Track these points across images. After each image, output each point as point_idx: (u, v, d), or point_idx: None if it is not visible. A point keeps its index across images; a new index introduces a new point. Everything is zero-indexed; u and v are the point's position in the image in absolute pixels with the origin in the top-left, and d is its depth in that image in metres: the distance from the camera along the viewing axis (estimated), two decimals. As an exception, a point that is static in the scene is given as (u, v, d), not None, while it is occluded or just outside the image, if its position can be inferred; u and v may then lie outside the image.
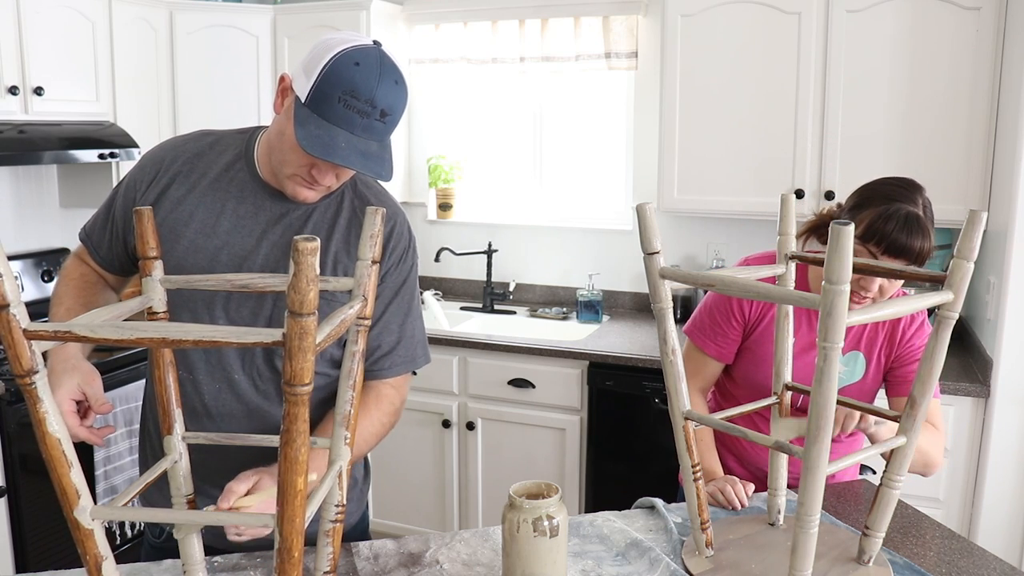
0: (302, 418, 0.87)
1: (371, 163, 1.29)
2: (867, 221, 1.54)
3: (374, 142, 1.30)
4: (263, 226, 1.43)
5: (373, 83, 1.27)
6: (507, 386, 3.18)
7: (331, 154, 1.27)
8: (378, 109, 1.28)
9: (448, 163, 3.85)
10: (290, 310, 0.82)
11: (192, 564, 1.24)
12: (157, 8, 3.37)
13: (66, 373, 1.31)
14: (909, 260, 1.53)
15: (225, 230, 1.43)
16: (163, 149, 1.51)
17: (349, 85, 1.27)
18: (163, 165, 1.47)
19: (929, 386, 1.28)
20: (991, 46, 2.71)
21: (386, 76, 1.29)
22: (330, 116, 1.28)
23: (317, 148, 1.27)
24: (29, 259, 3.22)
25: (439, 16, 3.71)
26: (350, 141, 1.28)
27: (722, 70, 3.06)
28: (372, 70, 1.28)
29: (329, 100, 1.27)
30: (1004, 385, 2.55)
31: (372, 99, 1.27)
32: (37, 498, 2.65)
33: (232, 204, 1.44)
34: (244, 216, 1.44)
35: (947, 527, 1.60)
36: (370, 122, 1.28)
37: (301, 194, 1.39)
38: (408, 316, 1.51)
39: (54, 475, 0.95)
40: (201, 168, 1.46)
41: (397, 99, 1.31)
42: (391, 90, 1.29)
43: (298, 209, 1.44)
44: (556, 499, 1.24)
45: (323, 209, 1.45)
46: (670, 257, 3.51)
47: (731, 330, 1.79)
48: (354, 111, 1.27)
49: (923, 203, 1.56)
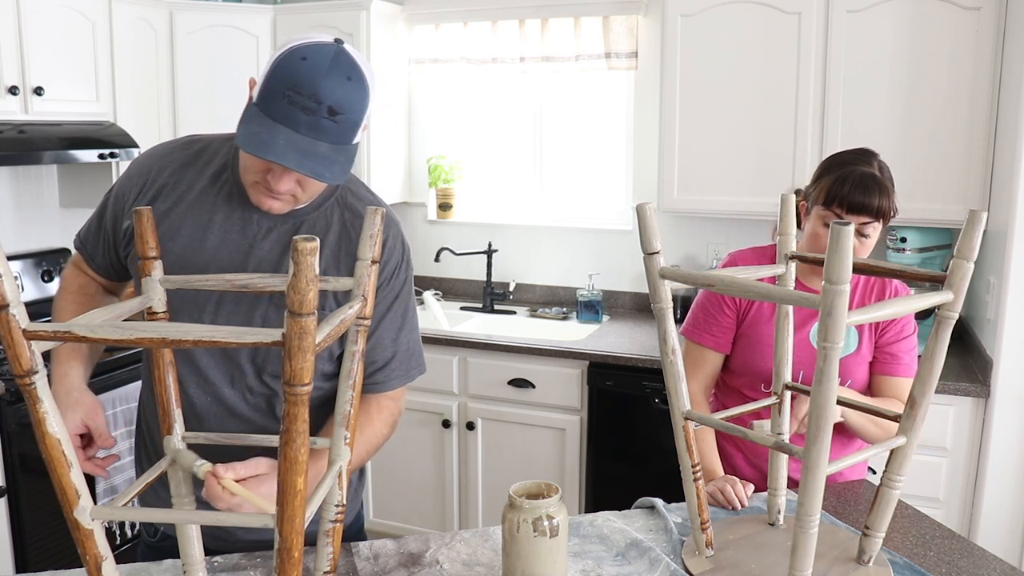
0: (302, 418, 0.87)
1: (311, 163, 1.20)
2: (826, 187, 1.69)
3: (324, 143, 1.21)
4: (250, 240, 1.39)
5: (318, 78, 1.19)
6: (507, 386, 3.18)
7: (264, 150, 1.19)
8: (324, 106, 1.19)
9: (448, 163, 3.85)
10: (290, 310, 0.82)
11: (192, 564, 1.24)
12: (157, 8, 3.37)
13: (69, 408, 1.31)
14: (871, 217, 1.66)
15: (213, 245, 1.39)
16: (151, 158, 1.46)
17: (293, 80, 1.19)
18: (150, 176, 1.43)
19: (929, 386, 1.28)
20: (991, 46, 2.71)
21: (336, 71, 1.20)
22: (274, 114, 1.20)
23: (251, 145, 1.20)
24: (29, 259, 3.22)
25: (439, 16, 3.71)
26: (291, 139, 1.19)
27: (722, 70, 3.06)
28: (320, 65, 1.20)
29: (274, 97, 1.20)
30: (1004, 385, 2.55)
31: (316, 94, 1.19)
32: (37, 498, 2.65)
33: (219, 218, 1.39)
34: (231, 230, 1.39)
35: (947, 527, 1.60)
36: (316, 119, 1.20)
37: (264, 203, 1.33)
38: (402, 330, 1.47)
39: (54, 475, 0.95)
40: (188, 179, 1.42)
41: (349, 96, 1.21)
42: (340, 86, 1.20)
43: (286, 223, 1.40)
44: (556, 499, 1.24)
45: (311, 223, 1.40)
46: (670, 257, 3.51)
47: (724, 318, 1.84)
48: (298, 108, 1.19)
49: (879, 165, 1.72)
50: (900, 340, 1.80)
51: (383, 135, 3.69)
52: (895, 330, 1.80)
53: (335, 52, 1.23)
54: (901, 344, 1.80)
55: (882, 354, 1.81)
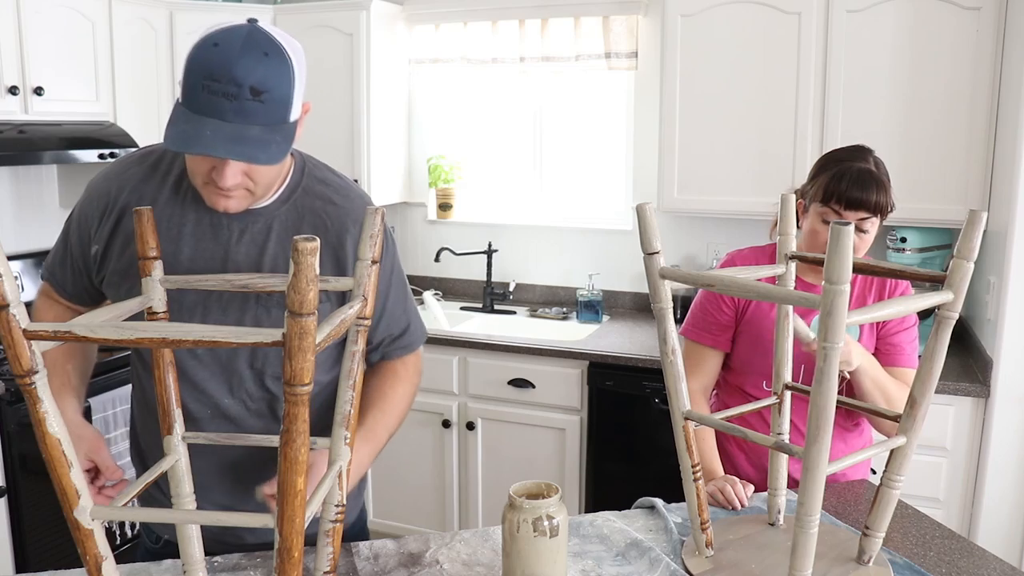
0: (302, 418, 0.87)
1: (242, 147, 1.15)
2: (823, 184, 1.70)
3: (255, 126, 1.16)
4: (224, 246, 1.35)
5: (232, 60, 1.14)
6: (507, 386, 3.18)
7: (191, 145, 1.15)
8: (245, 87, 1.14)
9: (448, 163, 3.85)
10: (290, 310, 0.82)
11: (192, 564, 1.24)
12: (157, 8, 3.37)
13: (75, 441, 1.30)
14: (869, 212, 1.67)
15: (187, 257, 1.34)
16: (107, 179, 1.41)
17: (208, 68, 1.15)
18: (110, 197, 1.38)
19: (929, 386, 1.28)
20: (991, 46, 2.71)
21: (249, 51, 1.16)
22: (198, 107, 1.16)
23: (177, 142, 1.16)
24: (29, 259, 3.22)
25: (439, 16, 3.71)
26: (219, 129, 1.15)
27: (722, 70, 3.06)
28: (232, 47, 1.15)
29: (194, 90, 1.16)
30: (1004, 385, 2.55)
31: (233, 77, 1.14)
32: (37, 498, 2.65)
33: (189, 228, 1.35)
34: (203, 239, 1.35)
35: (947, 527, 1.60)
36: (241, 104, 1.15)
37: (219, 204, 1.29)
38: (407, 300, 1.52)
39: (54, 475, 0.95)
40: (151, 194, 1.37)
41: (269, 73, 1.16)
42: (258, 64, 1.15)
43: (257, 222, 1.36)
44: (556, 499, 1.24)
45: (284, 217, 1.37)
46: (670, 257, 3.51)
47: (723, 316, 1.84)
48: (219, 95, 1.14)
49: (874, 161, 1.73)
50: (902, 331, 1.81)
51: (383, 135, 3.69)
52: (895, 320, 1.81)
53: (247, 32, 1.19)
54: (903, 335, 1.81)
55: (884, 344, 1.82)
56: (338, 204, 1.40)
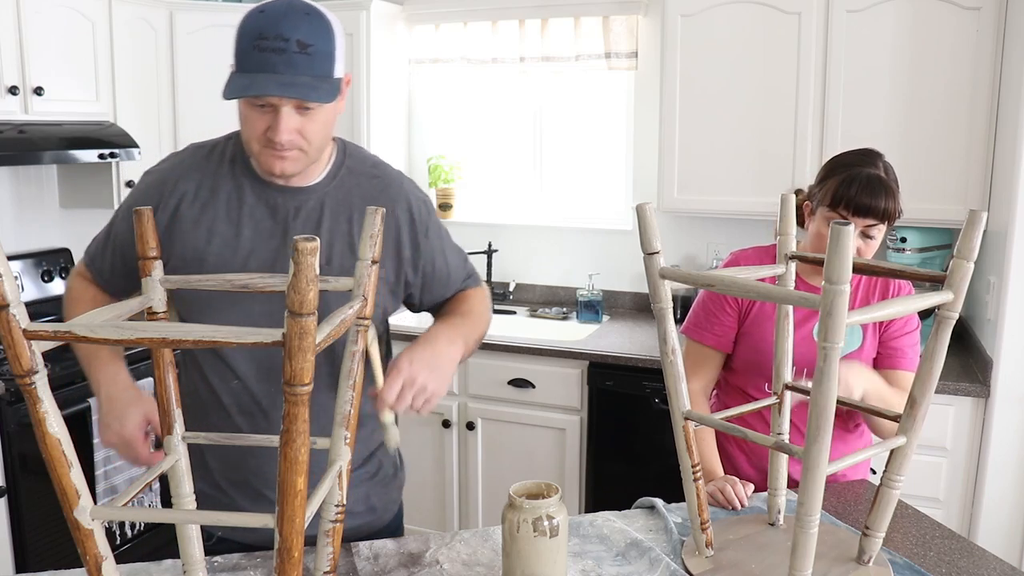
0: (302, 418, 0.87)
1: (294, 89, 1.27)
2: (832, 189, 1.68)
3: (304, 76, 1.28)
4: (283, 224, 1.43)
5: (278, 19, 1.27)
6: (507, 386, 3.18)
7: (246, 90, 1.28)
8: (292, 41, 1.26)
9: (448, 163, 3.85)
10: (290, 310, 0.82)
11: (192, 564, 1.24)
12: (157, 8, 3.37)
13: (131, 404, 1.36)
14: (877, 218, 1.65)
15: (248, 237, 1.42)
16: (162, 172, 1.49)
17: (256, 30, 1.27)
18: (166, 188, 1.45)
19: (929, 386, 1.28)
20: (991, 46, 2.71)
21: (292, 12, 1.28)
22: (251, 66, 1.28)
23: (234, 91, 1.28)
24: (29, 259, 3.22)
25: (439, 16, 3.71)
26: (272, 78, 1.27)
27: (722, 70, 3.06)
28: (277, 10, 1.29)
29: (246, 53, 1.28)
30: (1004, 385, 2.55)
31: (280, 33, 1.26)
32: (37, 498, 2.65)
33: (247, 210, 1.43)
34: (262, 219, 1.43)
35: (947, 527, 1.60)
36: (289, 56, 1.27)
37: (276, 166, 1.37)
38: (459, 248, 1.68)
39: (54, 475, 0.95)
40: (208, 182, 1.45)
41: (312, 28, 1.29)
42: (301, 21, 1.28)
43: (310, 199, 1.44)
44: (556, 499, 1.24)
45: (334, 193, 1.46)
46: (670, 257, 3.51)
47: (726, 317, 1.83)
48: (269, 51, 1.26)
49: (884, 166, 1.71)
50: (904, 334, 1.81)
51: (383, 135, 3.69)
52: (898, 324, 1.80)
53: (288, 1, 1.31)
54: (905, 339, 1.80)
55: (886, 348, 1.81)
56: (380, 176, 1.52)
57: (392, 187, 1.51)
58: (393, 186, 1.51)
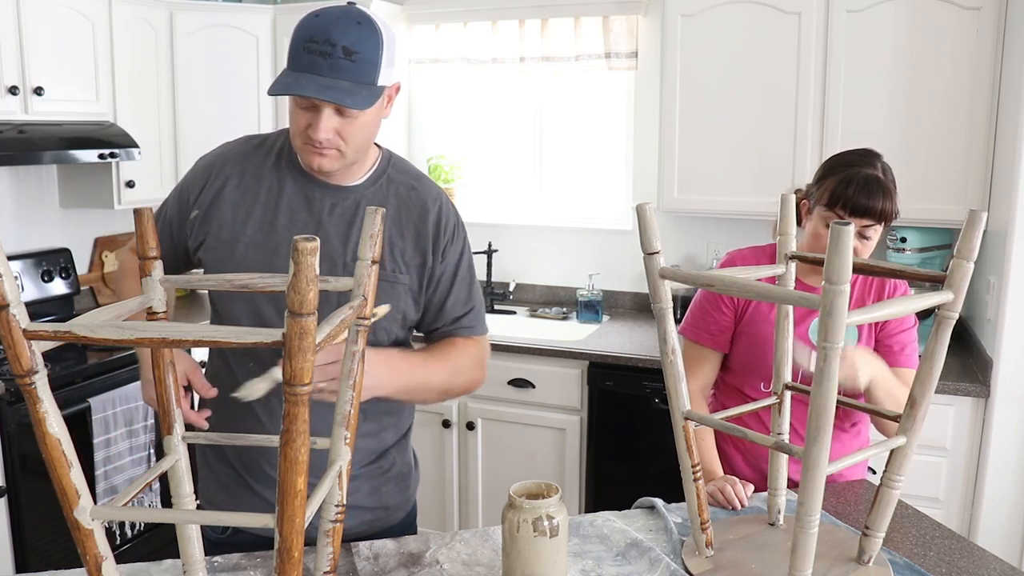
0: (302, 418, 0.87)
1: (331, 92, 1.32)
2: (829, 189, 1.68)
3: (345, 81, 1.34)
4: (318, 217, 1.49)
5: (329, 25, 1.33)
6: (507, 386, 3.18)
7: (286, 88, 1.33)
8: (338, 47, 1.32)
9: (448, 163, 3.85)
10: (290, 310, 0.82)
11: (192, 564, 1.24)
12: (157, 8, 3.37)
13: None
14: (874, 219, 1.66)
15: (283, 225, 1.49)
16: (213, 155, 1.58)
17: (308, 33, 1.33)
18: (214, 170, 1.54)
19: (929, 386, 1.28)
20: (991, 46, 2.71)
21: (345, 19, 1.34)
22: (298, 66, 1.34)
23: (277, 88, 1.34)
24: (29, 259, 3.22)
25: (439, 16, 3.71)
26: (314, 80, 1.33)
27: (722, 70, 3.06)
28: (331, 16, 1.34)
29: (296, 53, 1.35)
30: (1004, 385, 2.55)
31: (329, 39, 1.32)
32: (37, 498, 2.65)
33: (285, 200, 1.50)
34: (298, 210, 1.50)
35: (947, 527, 1.60)
36: (335, 61, 1.32)
37: (315, 162, 1.43)
38: (473, 286, 1.61)
39: (54, 475, 0.95)
40: (252, 169, 1.53)
41: (361, 38, 1.34)
42: (351, 29, 1.33)
43: (347, 199, 1.50)
44: (556, 499, 1.24)
45: (371, 196, 1.51)
46: (670, 257, 3.51)
47: (722, 317, 1.83)
48: (316, 54, 1.32)
49: (882, 167, 1.71)
50: (901, 331, 1.81)
51: (383, 135, 3.67)
52: (894, 321, 1.81)
53: (346, 8, 1.37)
54: (902, 336, 1.81)
55: (883, 346, 1.81)
56: (418, 189, 1.57)
57: (428, 200, 1.56)
58: (429, 200, 1.56)
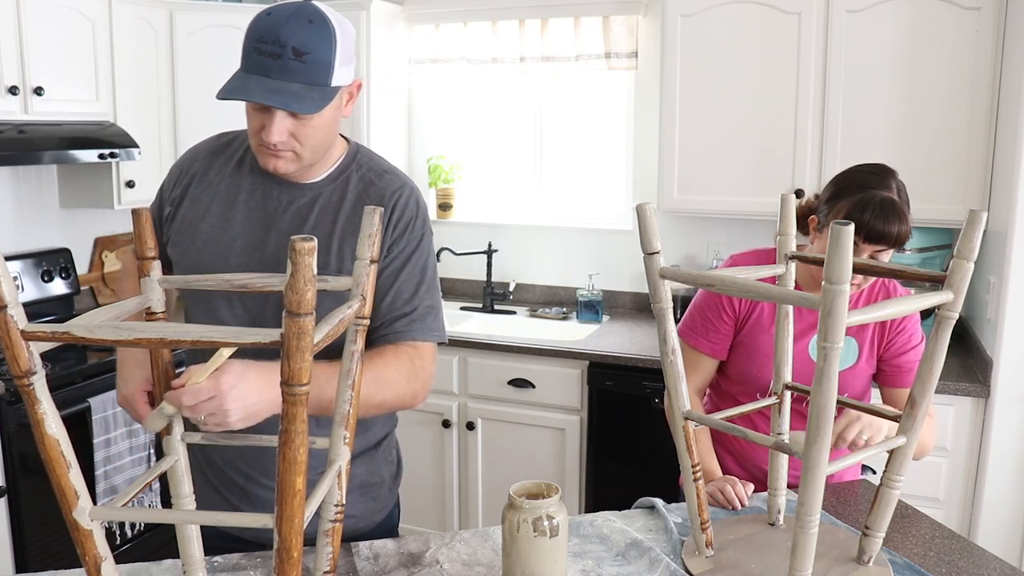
0: (300, 418, 0.87)
1: (279, 97, 1.29)
2: (844, 211, 1.61)
3: (295, 83, 1.30)
4: (271, 215, 1.47)
5: (279, 24, 1.29)
6: (507, 386, 3.17)
7: (234, 93, 1.30)
8: (288, 48, 1.28)
9: (448, 163, 3.85)
10: (287, 310, 0.82)
11: (192, 564, 1.24)
12: (157, 8, 3.37)
13: (137, 366, 1.37)
14: (888, 245, 1.60)
15: (239, 221, 1.47)
16: (187, 153, 1.58)
17: (258, 33, 1.30)
18: (184, 167, 1.55)
19: (929, 386, 1.28)
20: (991, 46, 2.71)
21: (297, 17, 1.29)
22: (248, 67, 1.31)
23: (225, 92, 1.30)
24: (29, 259, 3.22)
25: (439, 16, 3.71)
26: (263, 83, 1.29)
27: (722, 70, 3.06)
28: (282, 14, 1.30)
29: (247, 53, 1.31)
30: (1004, 385, 2.55)
31: (278, 39, 1.28)
32: (37, 498, 2.65)
33: (244, 196, 1.48)
34: (255, 207, 1.48)
35: (947, 527, 1.60)
36: (285, 63, 1.28)
37: (269, 163, 1.40)
38: (421, 286, 1.47)
39: (53, 476, 0.95)
40: (218, 165, 1.52)
41: (312, 37, 1.29)
42: (302, 28, 1.29)
43: (304, 196, 1.47)
44: (556, 499, 1.24)
45: (329, 194, 1.47)
46: (670, 257, 3.51)
47: (723, 325, 1.81)
48: (266, 55, 1.29)
49: (896, 187, 1.63)
50: (909, 351, 1.77)
51: (383, 135, 3.69)
52: (902, 340, 1.76)
53: (298, 5, 1.32)
54: (911, 354, 1.76)
55: (889, 366, 1.78)
56: (378, 185, 1.49)
57: (385, 196, 1.46)
58: (387, 195, 1.46)
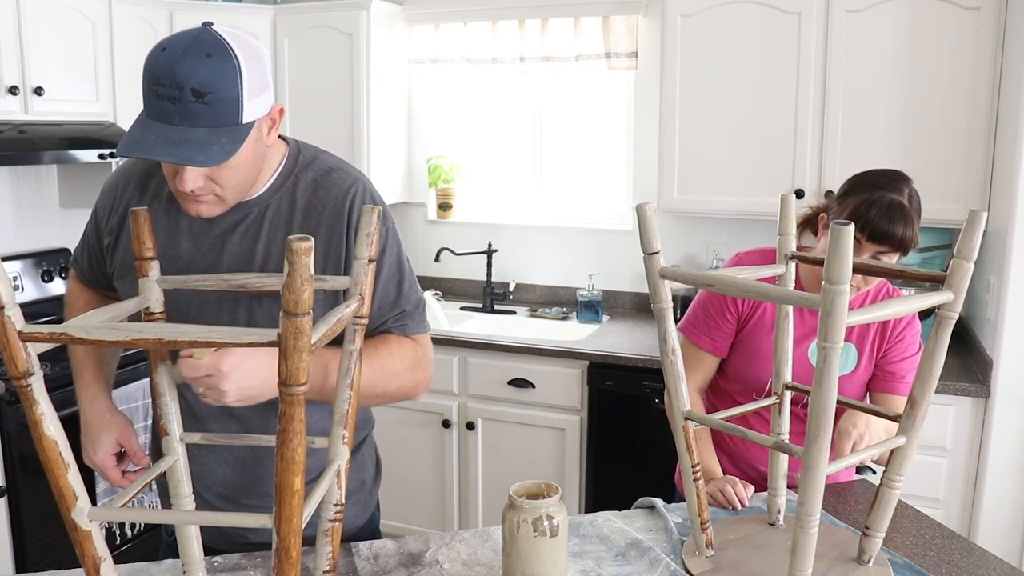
0: (298, 418, 0.87)
1: (180, 150, 1.15)
2: (851, 208, 1.60)
3: (201, 128, 1.16)
4: (220, 239, 1.36)
5: (174, 63, 1.14)
6: (507, 386, 3.17)
7: (131, 149, 1.16)
8: (186, 89, 1.14)
9: (448, 163, 3.85)
10: (285, 310, 0.82)
11: (192, 564, 1.24)
12: (157, 8, 3.37)
13: (104, 429, 1.38)
14: (892, 247, 1.58)
15: (186, 249, 1.37)
16: (117, 175, 1.46)
17: (154, 74, 1.16)
18: (117, 192, 1.43)
19: (929, 386, 1.28)
20: (991, 46, 2.71)
21: (192, 52, 1.15)
22: (149, 112, 1.17)
23: (124, 148, 1.17)
24: (29, 259, 3.22)
25: (439, 16, 3.70)
26: (163, 132, 1.15)
27: (722, 70, 3.06)
28: (176, 49, 1.15)
29: (146, 95, 1.17)
30: (1004, 385, 2.54)
31: (175, 80, 1.14)
32: (37, 498, 2.65)
33: (186, 221, 1.37)
34: (200, 232, 1.37)
35: (947, 527, 1.60)
36: (185, 107, 1.14)
37: (192, 208, 1.29)
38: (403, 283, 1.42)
39: (51, 477, 0.95)
40: (152, 189, 1.40)
41: (212, 74, 1.15)
42: (199, 64, 1.14)
43: (251, 212, 1.36)
44: (556, 499, 1.24)
45: (276, 205, 1.37)
46: (670, 257, 3.51)
47: (725, 323, 1.81)
48: (164, 99, 1.15)
49: (909, 193, 1.62)
50: (906, 359, 1.76)
51: (383, 135, 3.69)
52: (900, 348, 1.76)
53: (195, 35, 1.19)
54: (906, 363, 1.76)
55: (882, 372, 1.77)
56: (327, 187, 1.38)
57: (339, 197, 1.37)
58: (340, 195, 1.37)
